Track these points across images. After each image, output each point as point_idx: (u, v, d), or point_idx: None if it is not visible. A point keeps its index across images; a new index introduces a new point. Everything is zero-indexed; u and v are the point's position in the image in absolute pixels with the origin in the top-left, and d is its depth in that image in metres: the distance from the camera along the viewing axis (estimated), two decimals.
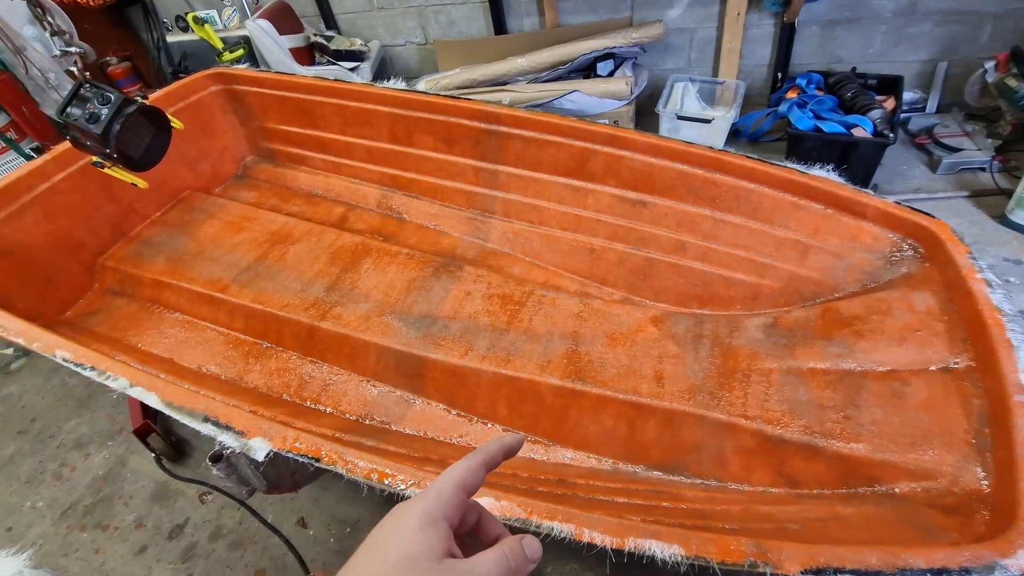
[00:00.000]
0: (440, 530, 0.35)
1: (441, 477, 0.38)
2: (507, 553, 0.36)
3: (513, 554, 0.36)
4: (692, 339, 1.29)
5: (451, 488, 0.37)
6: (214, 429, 0.89)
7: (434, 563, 0.33)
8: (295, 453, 0.86)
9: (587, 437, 1.22)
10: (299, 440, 0.86)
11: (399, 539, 0.34)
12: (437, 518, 0.35)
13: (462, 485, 0.37)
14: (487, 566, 0.34)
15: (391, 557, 0.33)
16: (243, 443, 0.87)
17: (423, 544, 0.33)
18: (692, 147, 1.42)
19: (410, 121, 1.73)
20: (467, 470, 0.38)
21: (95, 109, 1.30)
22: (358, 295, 1.51)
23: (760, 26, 2.21)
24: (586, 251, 1.61)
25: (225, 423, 0.89)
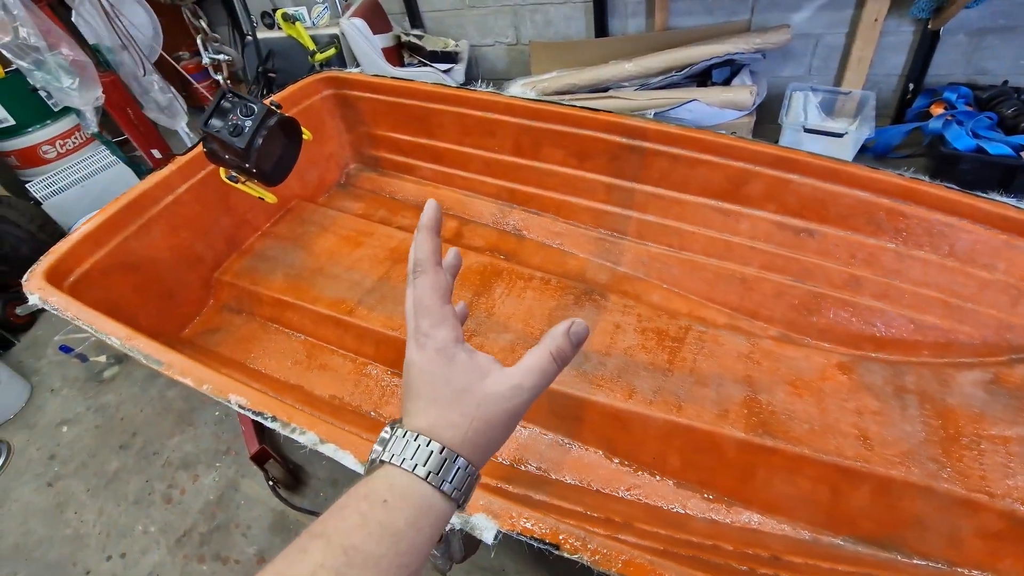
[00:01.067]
0: (459, 355, 0.39)
1: (419, 304, 0.40)
2: (553, 352, 0.39)
3: (559, 352, 0.39)
4: (894, 393, 1.16)
5: (438, 309, 0.40)
6: None
7: (479, 386, 0.37)
8: (527, 536, 0.75)
9: (777, 500, 1.10)
10: (532, 521, 0.76)
11: (439, 382, 0.38)
12: (449, 345, 0.39)
13: (441, 297, 0.41)
14: (534, 374, 0.38)
15: (442, 398, 0.37)
16: (465, 520, 0.77)
17: (460, 376, 0.38)
18: (877, 173, 1.27)
19: (539, 133, 1.61)
20: (431, 280, 0.40)
21: (238, 121, 1.21)
22: (496, 323, 1.40)
23: (897, 33, 2.04)
24: (736, 280, 1.48)
25: None
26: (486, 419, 0.37)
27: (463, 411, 0.37)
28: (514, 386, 0.37)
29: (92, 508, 1.59)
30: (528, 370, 0.38)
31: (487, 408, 0.37)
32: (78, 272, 1.23)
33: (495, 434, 0.37)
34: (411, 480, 0.35)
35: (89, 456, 1.73)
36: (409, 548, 0.33)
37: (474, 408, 0.37)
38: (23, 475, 1.72)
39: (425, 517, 0.34)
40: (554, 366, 0.39)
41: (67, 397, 1.95)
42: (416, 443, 0.35)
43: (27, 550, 1.52)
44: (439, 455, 0.35)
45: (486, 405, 0.37)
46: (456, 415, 0.37)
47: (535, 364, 0.38)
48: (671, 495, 1.15)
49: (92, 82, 1.61)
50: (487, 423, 0.37)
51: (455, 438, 0.36)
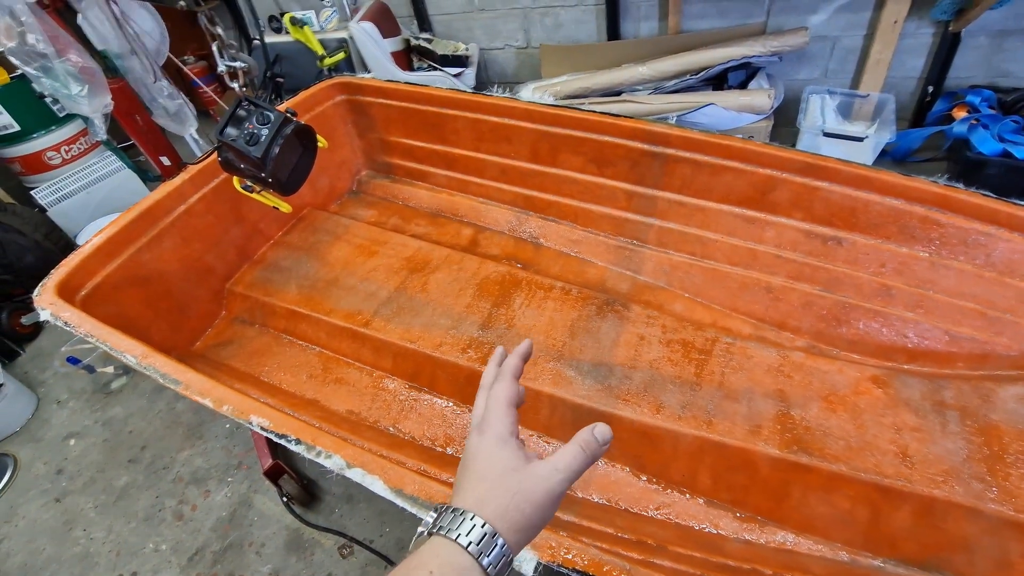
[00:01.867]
0: (512, 445, 0.44)
1: (491, 402, 0.47)
2: (581, 444, 0.44)
3: (587, 444, 0.44)
4: (933, 408, 1.12)
5: (503, 409, 0.46)
6: None
7: (522, 470, 0.42)
8: (568, 568, 0.71)
9: (813, 519, 1.06)
10: (573, 552, 0.72)
11: (490, 458, 0.43)
12: (506, 436, 0.44)
13: (510, 403, 0.47)
14: (566, 458, 0.43)
15: (491, 470, 0.42)
16: None
17: (509, 459, 0.43)
18: (912, 181, 1.24)
19: (557, 139, 1.58)
20: (507, 389, 0.47)
21: (254, 129, 1.17)
22: (517, 336, 1.37)
23: (917, 35, 2.01)
24: (761, 290, 1.45)
25: None
26: (526, 496, 0.41)
27: (507, 486, 0.41)
28: (551, 468, 0.43)
29: (101, 525, 1.55)
30: (561, 456, 0.43)
31: (528, 485, 0.41)
32: (89, 286, 1.20)
33: (534, 512, 0.41)
34: (453, 549, 0.38)
35: (97, 471, 1.69)
36: None
37: (516, 484, 0.41)
38: (30, 491, 1.68)
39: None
40: (583, 454, 0.44)
41: (74, 409, 1.91)
42: (462, 517, 0.39)
43: (35, 570, 1.48)
44: (481, 529, 0.39)
45: (527, 482, 0.42)
46: (501, 490, 0.41)
47: (567, 452, 0.44)
48: (702, 514, 1.11)
49: (101, 89, 1.57)
50: (527, 500, 0.41)
51: (497, 510, 0.40)
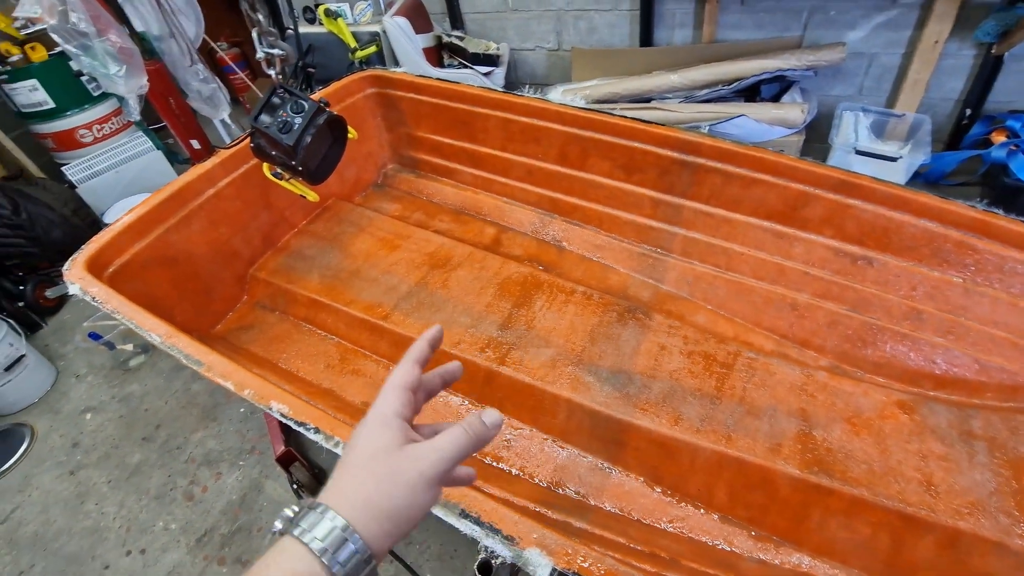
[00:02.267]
0: (393, 425, 0.40)
1: (384, 385, 0.44)
2: (465, 427, 0.41)
3: (471, 426, 0.41)
4: (960, 438, 1.09)
5: (392, 391, 0.43)
6: (475, 529, 0.75)
7: (395, 450, 0.39)
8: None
9: (832, 543, 1.04)
10: (589, 560, 0.71)
11: (365, 440, 0.40)
12: (388, 417, 0.41)
13: (401, 385, 0.43)
14: (447, 439, 0.40)
15: (361, 454, 0.39)
16: (517, 553, 0.72)
17: (382, 439, 0.39)
18: (949, 204, 1.21)
19: (588, 143, 1.57)
20: (400, 370, 0.44)
21: (288, 117, 1.18)
22: (536, 338, 1.36)
23: (958, 56, 1.97)
24: (787, 306, 1.42)
25: (489, 523, 0.75)
26: (395, 479, 0.37)
27: (375, 470, 0.38)
28: (428, 448, 0.39)
29: (113, 500, 1.57)
30: (442, 437, 0.40)
31: (399, 466, 0.38)
32: (118, 263, 1.21)
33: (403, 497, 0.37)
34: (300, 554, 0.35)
35: (112, 447, 1.71)
36: None
37: (385, 467, 0.38)
38: (45, 462, 1.71)
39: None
40: (465, 436, 0.40)
41: (92, 384, 1.94)
42: (318, 512, 0.36)
43: (46, 540, 1.50)
44: (331, 524, 0.36)
45: (398, 464, 0.38)
46: (367, 475, 0.38)
47: (449, 433, 0.40)
48: (716, 530, 1.09)
49: (138, 70, 1.59)
50: (395, 483, 0.37)
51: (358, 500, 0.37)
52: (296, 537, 0.36)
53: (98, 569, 1.42)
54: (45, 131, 2.64)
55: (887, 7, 1.97)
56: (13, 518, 1.57)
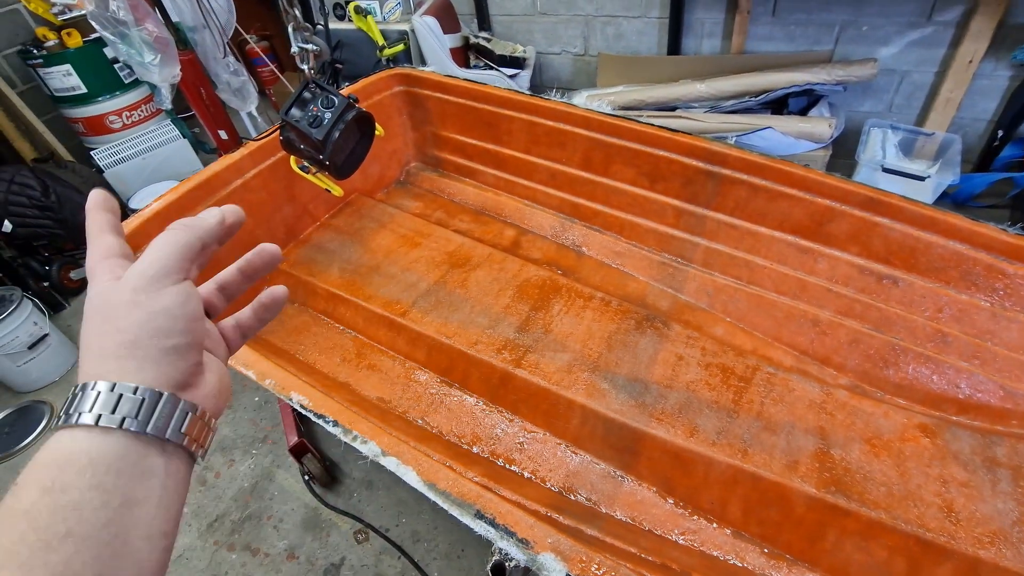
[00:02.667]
0: (96, 271, 0.33)
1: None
2: (172, 225, 0.34)
3: (178, 222, 0.34)
4: (984, 465, 1.07)
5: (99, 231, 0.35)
6: (490, 530, 0.75)
7: (112, 286, 0.31)
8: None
9: (846, 565, 1.03)
10: (604, 569, 0.71)
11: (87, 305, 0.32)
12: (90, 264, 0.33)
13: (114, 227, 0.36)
14: (150, 245, 0.33)
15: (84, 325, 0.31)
16: (531, 557, 0.72)
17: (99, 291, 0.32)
18: (979, 226, 1.19)
19: (612, 149, 1.57)
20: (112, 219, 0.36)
21: (318, 112, 1.19)
22: (553, 342, 1.36)
23: (992, 77, 1.94)
24: (808, 322, 1.41)
25: (503, 525, 0.75)
26: (113, 309, 0.30)
27: (94, 321, 0.31)
28: (132, 266, 0.32)
29: None
30: (154, 241, 0.33)
31: (109, 296, 0.31)
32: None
33: (128, 319, 0.30)
34: (69, 436, 0.28)
35: None
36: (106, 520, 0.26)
37: (100, 310, 0.31)
38: None
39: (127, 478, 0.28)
40: (170, 232, 0.33)
41: None
42: (78, 391, 0.29)
43: None
44: (94, 391, 0.28)
45: (108, 294, 0.31)
46: (95, 336, 0.30)
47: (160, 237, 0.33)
48: (728, 545, 1.08)
49: (172, 59, 1.62)
50: (114, 314, 0.30)
51: (101, 354, 0.30)
52: (59, 428, 0.28)
53: None
54: (76, 115, 2.69)
55: (922, 24, 1.94)
56: None
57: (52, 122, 2.68)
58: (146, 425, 0.29)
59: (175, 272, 0.32)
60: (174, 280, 0.32)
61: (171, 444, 0.30)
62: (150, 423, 0.29)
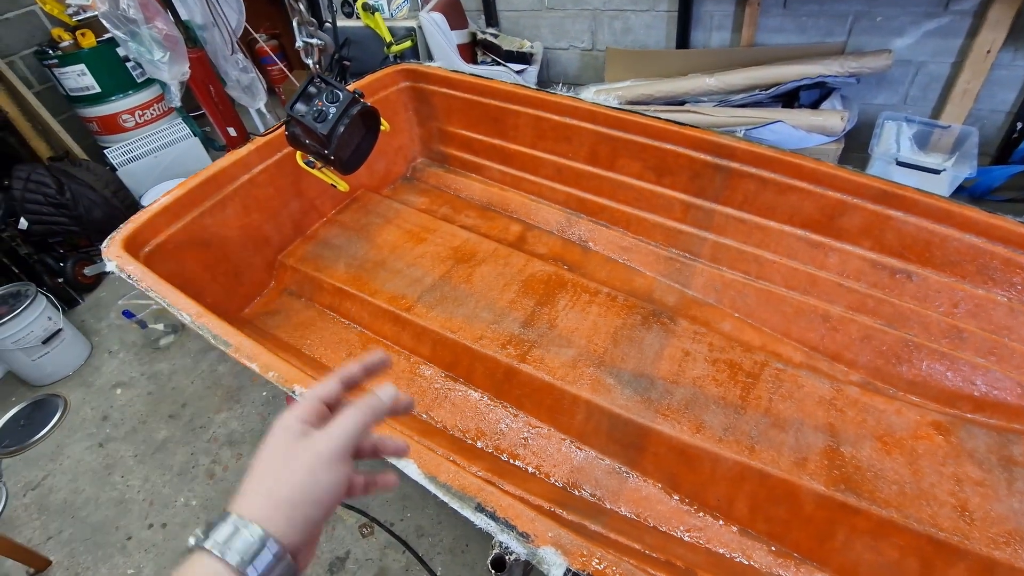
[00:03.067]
0: (294, 428, 0.40)
1: (305, 393, 0.44)
2: (360, 405, 0.41)
3: (363, 402, 0.42)
4: (1000, 463, 1.05)
5: (302, 401, 0.42)
6: (490, 524, 0.74)
7: (292, 443, 0.39)
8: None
9: (856, 565, 1.01)
10: (605, 563, 0.70)
11: (267, 448, 0.39)
12: (289, 422, 0.40)
13: (313, 396, 0.43)
14: (337, 419, 0.40)
15: (263, 458, 0.39)
16: (531, 551, 0.72)
17: (282, 442, 0.39)
18: (997, 219, 1.16)
19: (618, 143, 1.55)
20: (321, 385, 0.44)
21: (323, 107, 1.19)
22: (558, 337, 1.35)
23: (1012, 67, 1.89)
24: (819, 318, 1.38)
25: (504, 519, 0.74)
26: (292, 468, 0.37)
27: (274, 469, 0.38)
28: (324, 430, 0.39)
29: (139, 474, 1.61)
30: (337, 417, 0.41)
31: (296, 460, 0.38)
32: (153, 243, 1.24)
33: (303, 483, 0.37)
34: (215, 569, 0.34)
35: (139, 422, 1.76)
36: None
37: (282, 463, 0.38)
38: (76, 432, 1.76)
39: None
40: (358, 412, 0.41)
41: (123, 360, 2.00)
42: (230, 523, 0.35)
43: (74, 508, 1.55)
44: (248, 533, 0.35)
45: (296, 457, 0.38)
46: (269, 477, 0.37)
47: (342, 412, 0.41)
48: (735, 543, 1.07)
49: (181, 57, 1.63)
50: (292, 471, 0.37)
51: (267, 504, 0.36)
52: (207, 550, 0.35)
53: (121, 539, 1.46)
54: (90, 115, 2.74)
55: (938, 14, 1.90)
56: (44, 484, 1.63)
57: (67, 122, 2.72)
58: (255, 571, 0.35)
59: (350, 453, 0.40)
60: (346, 461, 0.40)
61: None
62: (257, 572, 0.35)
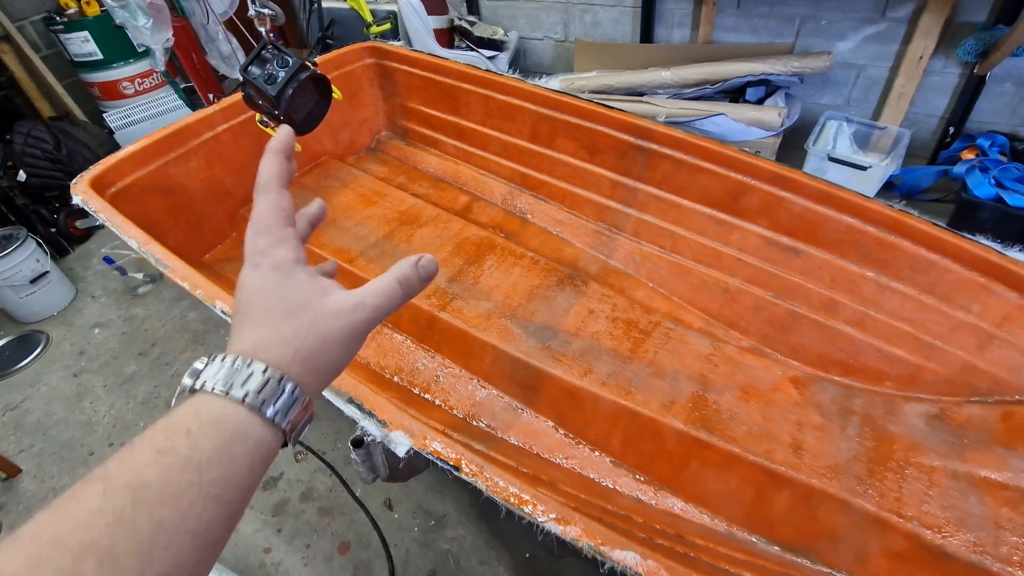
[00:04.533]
0: (299, 273, 0.36)
1: (259, 224, 0.36)
2: (400, 279, 0.37)
3: (406, 280, 0.37)
4: (839, 412, 1.18)
5: (281, 230, 0.36)
6: (357, 412, 0.89)
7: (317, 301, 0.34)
8: (434, 456, 0.84)
9: (705, 492, 1.15)
10: (439, 442, 0.84)
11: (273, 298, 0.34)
12: (289, 264, 0.36)
13: (285, 219, 0.37)
14: (379, 293, 0.36)
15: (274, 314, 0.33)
16: (385, 434, 0.86)
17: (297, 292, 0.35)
18: (869, 202, 1.29)
19: (556, 123, 1.69)
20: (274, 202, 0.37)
21: (273, 71, 1.34)
22: (480, 292, 1.49)
23: (943, 74, 2.00)
24: (719, 289, 1.52)
25: (369, 409, 0.89)
26: (322, 335, 0.33)
27: (297, 326, 0.33)
28: (356, 304, 0.35)
29: (105, 401, 1.78)
30: (372, 291, 0.36)
31: (324, 323, 0.34)
32: (119, 185, 1.40)
33: (333, 354, 0.34)
34: (222, 404, 0.30)
35: (112, 357, 1.93)
36: (221, 478, 0.28)
37: (309, 323, 0.33)
38: (54, 364, 1.94)
39: (240, 444, 0.30)
40: (399, 291, 0.37)
41: (104, 304, 2.17)
42: (234, 366, 0.31)
43: (46, 427, 1.72)
44: (261, 376, 0.31)
45: (323, 320, 0.34)
46: (288, 330, 0.33)
47: (380, 286, 0.37)
48: (606, 471, 1.21)
49: (164, 24, 1.79)
50: (323, 340, 0.33)
51: (283, 355, 0.32)
52: (214, 392, 0.30)
53: (84, 455, 1.63)
54: (93, 80, 2.90)
55: (876, 20, 2.01)
56: (22, 407, 1.80)
57: (72, 86, 2.90)
58: (274, 412, 0.31)
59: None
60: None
61: (278, 427, 0.32)
62: (275, 410, 0.31)
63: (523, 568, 1.30)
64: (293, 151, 0.41)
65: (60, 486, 1.56)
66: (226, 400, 0.30)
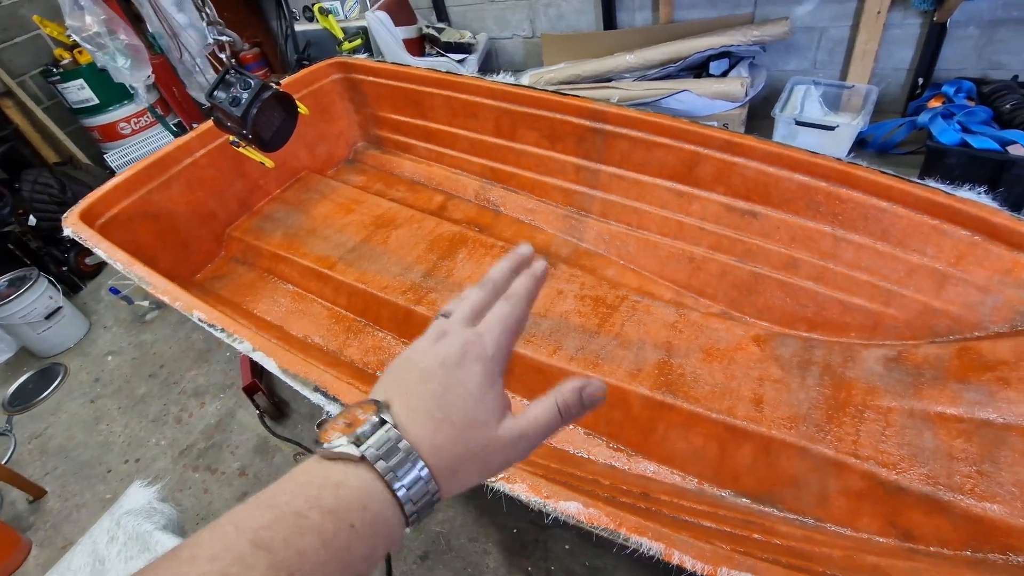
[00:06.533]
0: (499, 387, 0.35)
1: (493, 321, 0.36)
2: (560, 407, 0.35)
3: (567, 408, 0.35)
4: (799, 364, 1.21)
5: (507, 337, 0.36)
6: (322, 399, 0.96)
7: (494, 425, 0.33)
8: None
9: (673, 453, 1.18)
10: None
11: (466, 402, 0.33)
12: (496, 375, 0.35)
13: (513, 331, 0.37)
14: (539, 423, 0.34)
15: (460, 420, 0.33)
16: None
17: (486, 408, 0.33)
18: (817, 158, 1.31)
19: (516, 116, 1.74)
20: (516, 313, 0.37)
21: (237, 93, 1.42)
22: (453, 283, 1.55)
23: (903, 26, 2.00)
24: (685, 259, 1.55)
25: (332, 395, 0.95)
26: (481, 464, 0.33)
27: (468, 448, 0.33)
28: (519, 436, 0.34)
29: (120, 423, 1.89)
30: (534, 420, 0.35)
31: (489, 454, 0.33)
32: (107, 215, 1.50)
33: (477, 477, 0.34)
34: (383, 502, 0.30)
35: (124, 382, 2.04)
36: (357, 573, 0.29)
37: (479, 449, 0.33)
38: (73, 392, 2.06)
39: (383, 544, 0.31)
40: (558, 420, 0.35)
41: (115, 333, 2.29)
42: (408, 458, 0.31)
43: (67, 450, 1.83)
44: (424, 484, 0.31)
45: (491, 452, 0.33)
46: (460, 447, 0.32)
47: (541, 416, 0.35)
48: (579, 441, 1.26)
49: (143, 63, 1.90)
50: (481, 469, 0.34)
51: (445, 467, 0.32)
52: (376, 467, 0.30)
53: (103, 472, 1.73)
54: (93, 124, 3.05)
55: None
56: (45, 434, 1.92)
57: (75, 132, 3.06)
58: (415, 519, 0.31)
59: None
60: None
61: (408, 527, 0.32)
62: (416, 517, 0.31)
63: (511, 541, 1.35)
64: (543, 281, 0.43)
65: (82, 503, 1.67)
66: (387, 495, 0.30)
